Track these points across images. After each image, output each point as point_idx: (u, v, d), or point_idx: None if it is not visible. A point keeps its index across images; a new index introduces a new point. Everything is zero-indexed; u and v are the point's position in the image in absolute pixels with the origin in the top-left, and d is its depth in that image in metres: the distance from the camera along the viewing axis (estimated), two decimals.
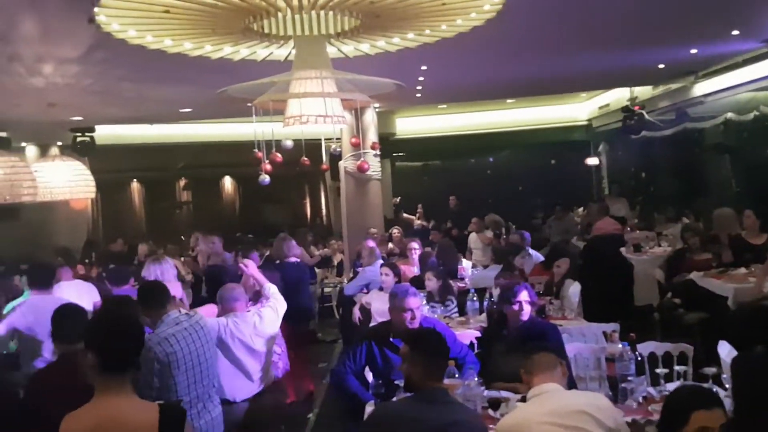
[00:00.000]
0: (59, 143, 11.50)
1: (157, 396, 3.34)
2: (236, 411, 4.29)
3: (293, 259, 7.02)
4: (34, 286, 5.05)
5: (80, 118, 9.54)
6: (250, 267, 5.10)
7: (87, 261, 9.81)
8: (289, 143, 5.55)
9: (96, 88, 7.27)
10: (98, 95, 7.67)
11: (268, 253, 8.36)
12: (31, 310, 4.71)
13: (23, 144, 11.49)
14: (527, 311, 4.29)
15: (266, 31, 4.83)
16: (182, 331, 3.66)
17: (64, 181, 7.80)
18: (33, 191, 6.92)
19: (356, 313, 6.71)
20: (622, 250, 8.65)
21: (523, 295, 4.28)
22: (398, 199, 14.51)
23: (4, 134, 9.96)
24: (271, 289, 4.91)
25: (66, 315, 3.36)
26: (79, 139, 10.43)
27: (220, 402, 3.91)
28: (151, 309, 3.73)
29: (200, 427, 3.60)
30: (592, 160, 15.25)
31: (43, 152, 11.27)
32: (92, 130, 10.50)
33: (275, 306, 4.75)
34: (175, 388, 3.53)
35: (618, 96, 13.03)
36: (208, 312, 4.60)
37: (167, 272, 5.43)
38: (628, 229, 10.27)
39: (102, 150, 10.87)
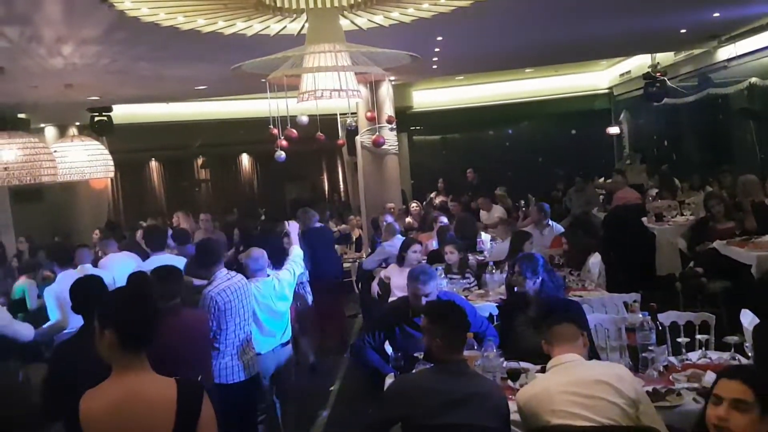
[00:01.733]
0: (77, 123, 11.59)
1: (213, 336, 4.22)
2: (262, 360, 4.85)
3: (316, 225, 7.70)
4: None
5: (97, 98, 9.59)
6: (292, 229, 5.84)
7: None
8: (304, 119, 5.53)
9: (113, 68, 7.28)
10: (115, 75, 7.69)
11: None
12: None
13: (42, 125, 11.60)
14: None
15: (279, 5, 4.78)
16: (233, 284, 4.44)
17: (83, 161, 7.86)
18: (53, 172, 6.98)
19: (374, 287, 6.72)
20: (644, 219, 8.55)
21: None
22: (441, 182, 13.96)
23: (23, 116, 10.06)
24: (295, 251, 5.46)
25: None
26: (96, 119, 10.48)
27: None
28: (206, 266, 4.50)
29: (246, 362, 4.47)
30: (614, 129, 15.03)
31: (62, 133, 11.37)
32: (110, 109, 10.55)
33: (291, 268, 5.24)
34: (227, 330, 4.33)
35: (639, 63, 12.79)
36: None
37: None
38: (650, 198, 10.14)
39: (120, 129, 10.93)
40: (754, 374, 2.41)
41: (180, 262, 5.78)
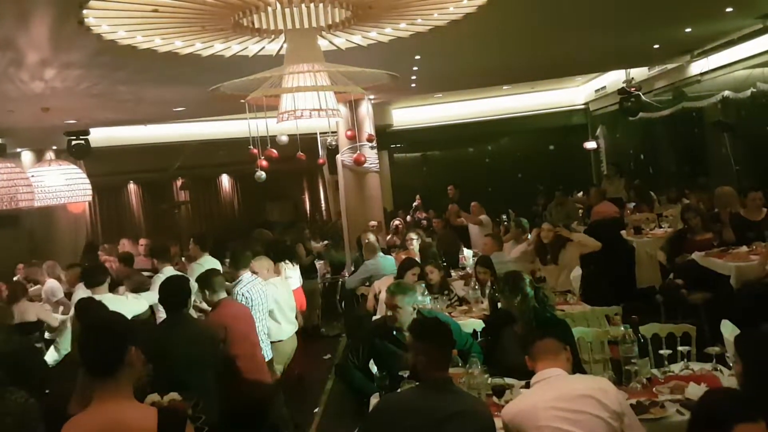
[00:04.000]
0: (54, 147, 11.45)
1: None
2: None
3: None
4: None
5: (74, 121, 9.51)
6: None
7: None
8: (284, 138, 5.54)
9: (93, 92, 7.25)
10: (94, 98, 7.64)
11: None
12: None
13: (18, 150, 11.45)
14: None
15: (257, 26, 4.80)
16: (256, 284, 5.36)
17: (60, 185, 7.78)
18: (30, 197, 6.91)
19: (371, 301, 6.69)
20: (623, 232, 8.62)
21: None
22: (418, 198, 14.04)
23: None
24: None
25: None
26: (74, 142, 10.37)
27: None
28: (235, 269, 5.47)
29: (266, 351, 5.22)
30: (591, 144, 15.20)
31: (39, 157, 11.23)
32: (87, 133, 10.45)
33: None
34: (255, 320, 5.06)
35: (614, 78, 12.97)
36: None
37: None
38: (628, 211, 10.24)
39: (97, 153, 10.82)
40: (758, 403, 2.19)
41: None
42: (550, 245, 6.88)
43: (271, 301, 5.58)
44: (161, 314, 5.67)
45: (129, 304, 5.36)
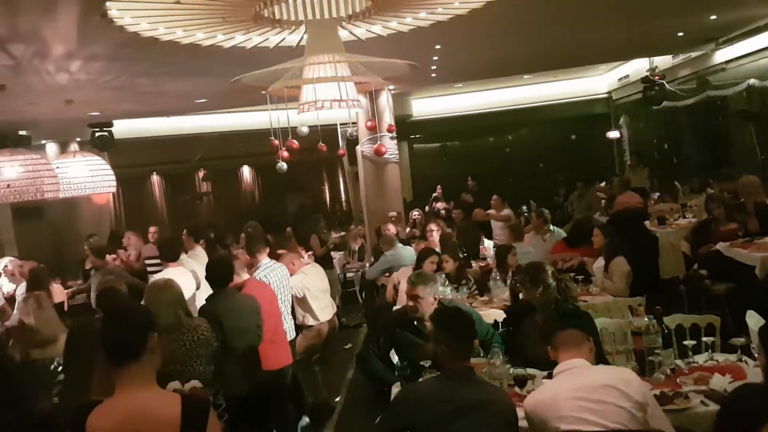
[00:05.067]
0: (78, 139, 11.60)
1: None
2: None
3: None
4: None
5: (98, 113, 9.61)
6: None
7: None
8: (304, 129, 5.55)
9: (115, 84, 7.31)
10: (116, 90, 7.72)
11: None
12: None
13: (43, 141, 11.62)
14: None
15: (277, 17, 4.81)
16: (276, 269, 5.51)
17: (85, 176, 7.87)
18: (55, 188, 7.00)
19: (391, 291, 6.72)
20: (646, 223, 8.54)
21: None
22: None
23: (23, 132, 10.08)
24: None
25: None
26: (97, 134, 10.48)
27: None
28: (252, 255, 5.53)
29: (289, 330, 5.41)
30: (614, 134, 15.04)
31: (63, 149, 11.38)
32: (110, 125, 10.56)
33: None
34: None
35: (637, 67, 12.82)
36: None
37: None
38: (651, 201, 10.14)
39: (121, 144, 10.94)
40: None
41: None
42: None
43: (302, 289, 5.91)
44: None
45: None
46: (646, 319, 3.87)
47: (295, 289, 5.81)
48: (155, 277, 5.49)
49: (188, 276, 5.91)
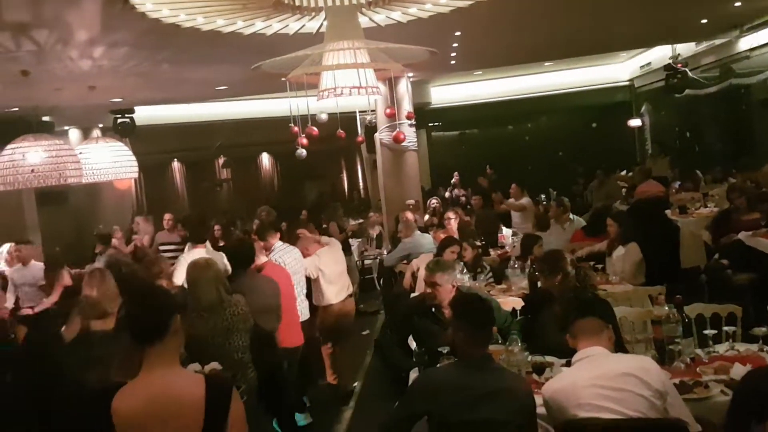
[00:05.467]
0: (100, 125, 11.73)
1: None
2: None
3: None
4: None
5: (119, 100, 9.70)
6: None
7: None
8: (323, 116, 5.57)
9: (137, 71, 7.37)
10: (138, 77, 7.77)
11: None
12: None
13: (66, 127, 11.75)
14: None
15: (297, 3, 4.81)
16: (290, 251, 5.73)
17: (107, 162, 7.95)
18: (78, 174, 7.08)
19: (409, 279, 6.74)
20: (667, 212, 8.46)
21: None
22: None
23: (47, 118, 10.20)
24: None
25: None
26: (119, 120, 10.60)
27: None
28: (263, 239, 5.69)
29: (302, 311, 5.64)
30: (635, 122, 14.88)
31: (85, 135, 11.51)
32: (132, 111, 10.66)
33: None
34: None
35: (660, 54, 12.65)
36: None
37: None
38: (673, 190, 10.03)
39: (142, 131, 11.04)
40: None
41: None
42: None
43: (315, 270, 6.08)
44: None
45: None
46: (667, 308, 3.85)
47: (308, 270, 5.98)
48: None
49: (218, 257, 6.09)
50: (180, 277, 5.14)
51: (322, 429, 5.54)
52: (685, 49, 11.76)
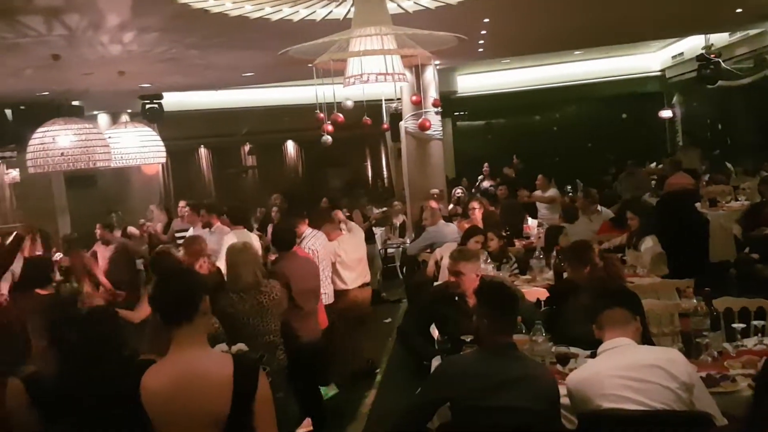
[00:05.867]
0: (129, 111, 11.85)
1: None
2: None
3: None
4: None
5: (148, 85, 9.78)
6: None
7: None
8: (349, 103, 5.57)
9: (166, 56, 7.41)
10: (166, 62, 7.82)
11: None
12: None
13: (95, 112, 11.90)
14: None
15: None
16: (319, 237, 5.94)
17: (136, 147, 8.05)
18: (107, 158, 7.17)
19: (432, 267, 6.74)
20: (697, 204, 8.32)
21: None
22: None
23: (77, 103, 10.33)
24: None
25: None
26: (147, 106, 10.69)
27: None
28: (296, 227, 5.73)
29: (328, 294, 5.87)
30: (666, 113, 14.63)
31: (114, 120, 11.65)
32: (160, 97, 10.75)
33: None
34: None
35: (692, 44, 12.40)
36: None
37: None
38: (703, 183, 9.86)
39: (169, 117, 11.13)
40: None
41: None
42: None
43: (333, 255, 6.22)
44: None
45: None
46: (695, 300, 3.79)
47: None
48: None
49: (255, 239, 6.38)
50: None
51: (346, 404, 5.64)
52: (719, 39, 11.50)
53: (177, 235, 8.56)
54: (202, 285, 2.41)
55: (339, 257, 6.25)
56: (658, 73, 14.97)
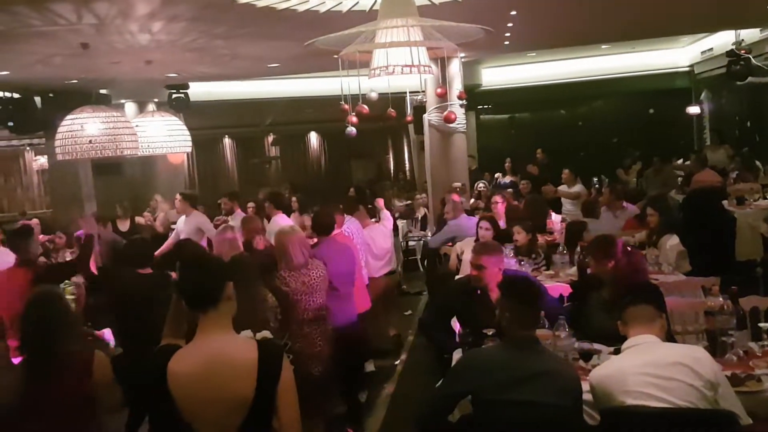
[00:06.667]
0: (155, 100, 11.97)
1: None
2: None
3: None
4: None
5: (174, 75, 9.87)
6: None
7: None
8: (374, 95, 5.55)
9: (193, 46, 7.46)
10: (193, 52, 7.88)
11: None
12: None
13: (122, 101, 12.04)
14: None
15: None
16: (354, 222, 6.37)
17: (162, 135, 8.12)
18: (134, 146, 7.25)
19: (454, 261, 6.73)
20: (725, 202, 8.20)
21: None
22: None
23: (104, 91, 10.46)
24: None
25: None
26: (174, 95, 10.79)
27: None
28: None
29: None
30: (694, 109, 14.40)
31: (141, 109, 11.77)
32: (186, 86, 10.84)
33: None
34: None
35: (722, 40, 12.17)
36: None
37: None
38: (731, 180, 9.71)
39: (195, 107, 11.22)
40: None
41: None
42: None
43: (363, 243, 6.51)
44: None
45: None
46: (721, 298, 3.75)
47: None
48: None
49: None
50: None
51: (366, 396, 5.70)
52: (749, 35, 11.28)
53: (172, 226, 8.70)
54: (226, 272, 2.44)
55: (368, 246, 6.55)
56: (687, 69, 14.74)
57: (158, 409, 2.32)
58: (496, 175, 12.86)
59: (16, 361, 3.22)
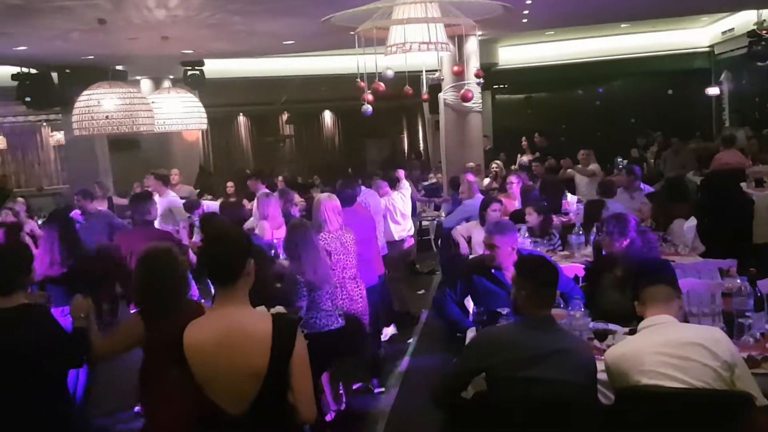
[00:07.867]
0: (171, 77, 11.98)
1: None
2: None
3: None
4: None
5: (190, 51, 9.85)
6: None
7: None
8: (389, 73, 5.52)
9: (210, 22, 7.44)
10: (209, 28, 7.85)
11: None
12: None
13: (138, 77, 12.06)
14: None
15: None
16: (372, 194, 7.03)
17: (178, 112, 8.14)
18: (150, 122, 7.28)
19: (463, 244, 6.71)
20: (743, 184, 8.10)
21: None
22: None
23: (120, 68, 10.47)
24: None
25: None
26: (189, 72, 10.78)
27: None
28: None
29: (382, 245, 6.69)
30: (714, 90, 14.19)
31: (157, 85, 11.79)
32: (201, 63, 10.82)
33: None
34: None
35: (744, 20, 11.94)
36: None
37: None
38: (749, 162, 9.58)
39: (210, 84, 11.22)
40: None
41: None
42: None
43: (384, 209, 7.24)
44: None
45: None
46: (739, 280, 3.72)
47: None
48: None
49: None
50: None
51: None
52: None
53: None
54: (248, 247, 2.49)
55: (389, 211, 7.38)
56: (707, 49, 14.50)
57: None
58: (521, 157, 12.81)
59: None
